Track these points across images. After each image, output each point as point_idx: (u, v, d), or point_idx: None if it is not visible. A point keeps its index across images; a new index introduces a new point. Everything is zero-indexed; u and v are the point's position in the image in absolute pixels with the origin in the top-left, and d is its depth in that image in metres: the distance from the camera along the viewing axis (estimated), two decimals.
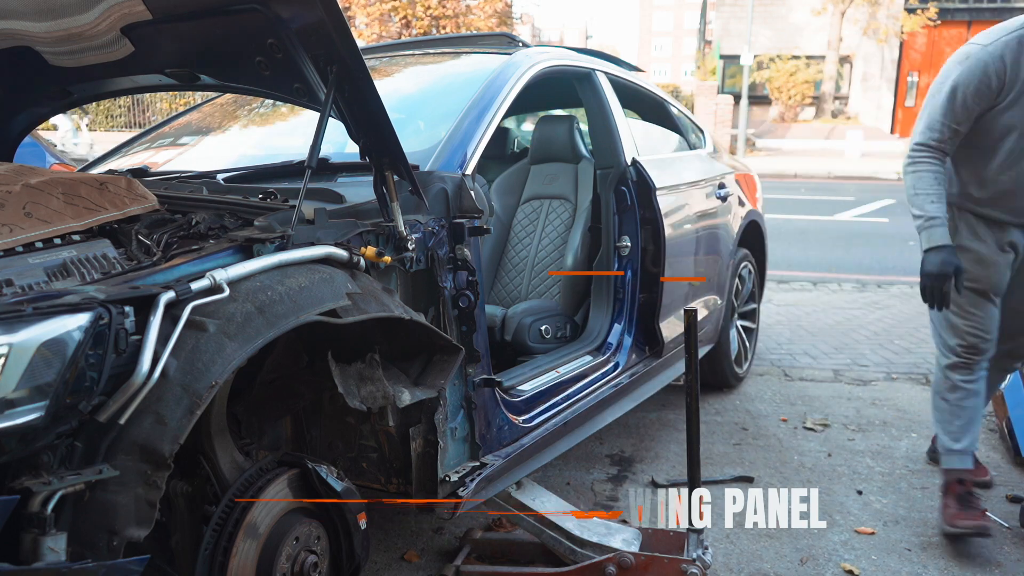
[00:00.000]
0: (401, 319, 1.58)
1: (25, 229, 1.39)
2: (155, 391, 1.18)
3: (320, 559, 1.57)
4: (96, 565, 1.10)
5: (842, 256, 7.06)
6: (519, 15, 25.96)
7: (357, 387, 1.61)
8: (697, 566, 1.90)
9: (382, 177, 1.68)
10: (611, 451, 2.95)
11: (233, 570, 1.41)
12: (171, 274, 1.33)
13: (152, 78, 1.90)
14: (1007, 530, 2.37)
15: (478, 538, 2.21)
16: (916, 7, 21.53)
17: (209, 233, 1.53)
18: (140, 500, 1.17)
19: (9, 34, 1.77)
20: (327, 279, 1.47)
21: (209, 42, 1.69)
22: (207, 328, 1.26)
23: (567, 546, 2.03)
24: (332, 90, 1.54)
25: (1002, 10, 22.94)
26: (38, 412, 1.09)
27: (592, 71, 2.80)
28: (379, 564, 2.18)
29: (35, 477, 1.09)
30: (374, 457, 1.92)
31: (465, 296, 1.88)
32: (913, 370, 3.88)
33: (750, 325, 3.84)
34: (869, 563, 2.21)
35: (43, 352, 1.08)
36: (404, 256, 1.71)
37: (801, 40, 22.94)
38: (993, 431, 3.12)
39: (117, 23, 1.64)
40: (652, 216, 2.66)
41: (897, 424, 3.23)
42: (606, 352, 2.61)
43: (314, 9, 1.43)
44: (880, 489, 2.66)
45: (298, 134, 2.40)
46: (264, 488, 1.48)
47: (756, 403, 3.48)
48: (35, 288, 1.28)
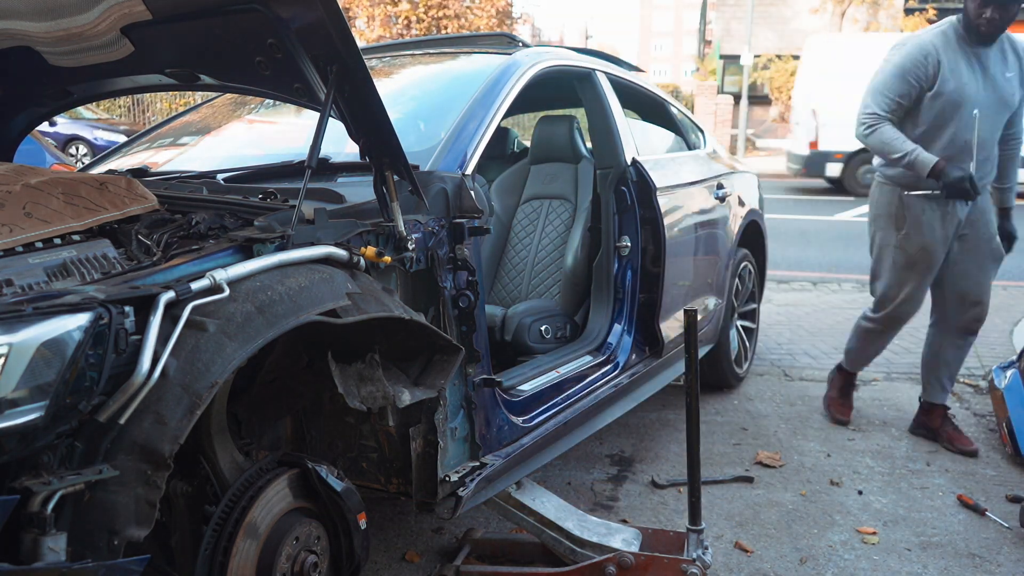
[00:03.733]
0: (401, 319, 1.58)
1: (25, 229, 1.39)
2: (155, 391, 1.18)
3: (320, 559, 1.57)
4: (96, 565, 1.10)
5: (842, 256, 7.06)
6: (519, 15, 25.93)
7: (357, 387, 1.61)
8: (697, 566, 1.90)
9: (382, 177, 1.68)
10: (611, 451, 2.95)
11: (233, 570, 1.41)
12: (171, 274, 1.33)
13: (152, 78, 1.90)
14: (1007, 530, 2.37)
15: (478, 538, 2.21)
16: (916, 7, 21.52)
17: (209, 233, 1.53)
18: (140, 500, 1.17)
19: (9, 34, 1.77)
20: (327, 279, 1.47)
21: (209, 42, 1.69)
22: (207, 328, 1.26)
23: (567, 546, 2.03)
24: (332, 90, 1.54)
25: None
26: (38, 412, 1.09)
27: (592, 71, 2.80)
28: (379, 564, 2.18)
29: (35, 477, 1.09)
30: (374, 457, 1.92)
31: (465, 296, 1.88)
32: (913, 370, 3.88)
33: (750, 325, 3.84)
34: (869, 563, 2.21)
35: (43, 352, 1.08)
36: (404, 256, 1.71)
37: (801, 40, 22.92)
38: (993, 431, 3.12)
39: (117, 23, 1.64)
40: (652, 216, 2.66)
41: (897, 424, 3.23)
42: (606, 352, 2.61)
43: (314, 9, 1.43)
44: (880, 489, 2.66)
45: (298, 134, 2.40)
46: (264, 488, 1.48)
47: (756, 403, 3.48)
48: (35, 288, 1.28)
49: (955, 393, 3.56)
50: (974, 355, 4.08)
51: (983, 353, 4.12)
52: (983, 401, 3.44)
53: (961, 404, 3.43)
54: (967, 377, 3.75)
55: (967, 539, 2.33)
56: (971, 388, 3.62)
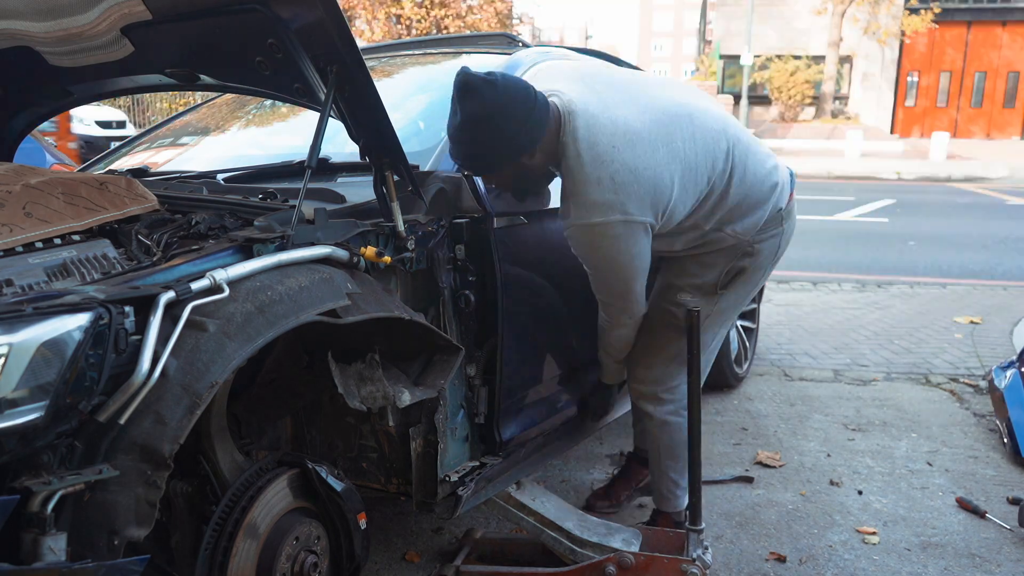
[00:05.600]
0: (401, 319, 1.58)
1: (25, 229, 1.39)
2: (155, 391, 1.18)
3: (320, 559, 1.57)
4: (96, 565, 1.10)
5: (842, 256, 7.06)
6: (519, 15, 25.93)
7: (357, 387, 1.61)
8: (697, 566, 1.90)
9: (382, 177, 1.68)
10: (611, 451, 2.95)
11: (233, 570, 1.41)
12: (171, 274, 1.33)
13: (152, 78, 1.90)
14: (1007, 530, 2.37)
15: (478, 538, 2.21)
16: (918, 7, 21.52)
17: (209, 233, 1.53)
18: (140, 500, 1.17)
19: (9, 34, 1.77)
20: (327, 279, 1.47)
21: (209, 42, 1.69)
22: (207, 328, 1.26)
23: (567, 546, 2.03)
24: (332, 90, 1.54)
25: (1002, 10, 22.99)
26: (38, 412, 1.09)
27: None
28: (379, 564, 2.18)
29: (35, 477, 1.09)
30: (374, 457, 1.92)
31: (465, 296, 1.88)
32: (913, 370, 3.88)
33: (750, 325, 3.84)
34: (869, 563, 2.21)
35: (43, 352, 1.08)
36: (404, 256, 1.71)
37: (801, 40, 22.94)
38: (993, 431, 3.12)
39: (117, 23, 1.64)
40: None
41: (897, 424, 3.23)
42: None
43: (314, 9, 1.43)
44: (880, 489, 2.66)
45: (298, 134, 2.40)
46: (264, 488, 1.48)
47: (756, 403, 3.48)
48: (35, 288, 1.28)
49: (955, 393, 3.56)
50: (974, 355, 4.09)
51: (983, 353, 4.12)
52: (983, 401, 3.44)
53: (961, 404, 3.43)
54: (967, 377, 3.75)
55: (967, 539, 2.33)
56: (971, 388, 3.62)
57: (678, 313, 2.07)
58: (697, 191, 1.90)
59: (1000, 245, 7.44)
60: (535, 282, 2.10)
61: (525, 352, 2.09)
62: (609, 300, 2.00)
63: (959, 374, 3.80)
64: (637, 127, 1.80)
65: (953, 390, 3.60)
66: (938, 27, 21.66)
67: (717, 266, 2.08)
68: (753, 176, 1.99)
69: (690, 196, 1.89)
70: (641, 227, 1.81)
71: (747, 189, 1.98)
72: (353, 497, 1.61)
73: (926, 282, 5.92)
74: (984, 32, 23.24)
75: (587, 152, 1.76)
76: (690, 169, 1.86)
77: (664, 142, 1.81)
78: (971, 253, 7.06)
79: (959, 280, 5.98)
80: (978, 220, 9.07)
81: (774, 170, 2.07)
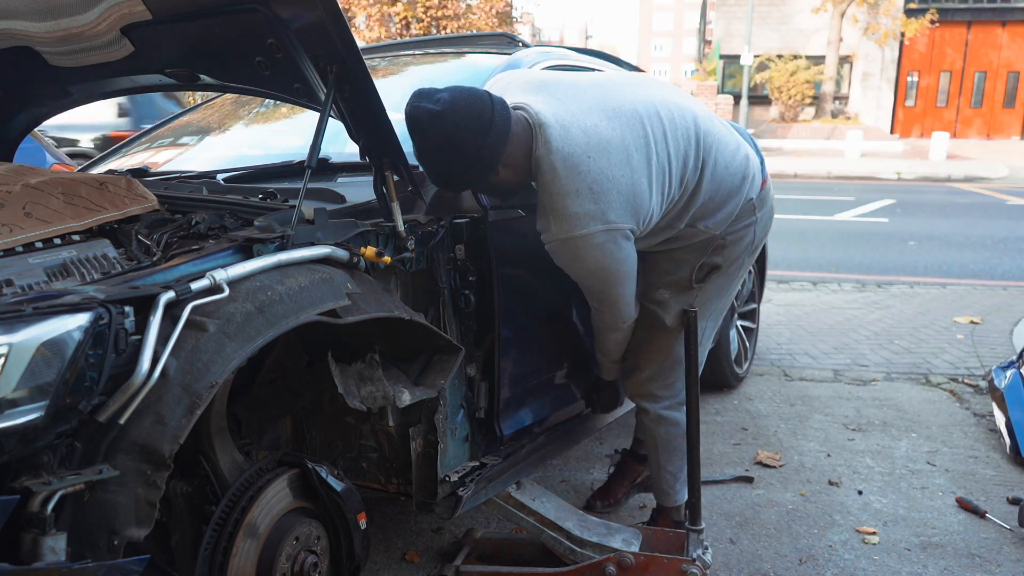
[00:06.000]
0: (401, 319, 1.58)
1: (25, 229, 1.39)
2: (155, 391, 1.18)
3: (320, 559, 1.57)
4: (96, 565, 1.10)
5: (842, 256, 7.06)
6: (519, 15, 25.91)
7: (357, 387, 1.61)
8: (697, 566, 1.90)
9: (382, 177, 1.68)
10: (611, 451, 2.95)
11: (233, 570, 1.41)
12: (171, 274, 1.33)
13: (152, 78, 1.90)
14: (1007, 530, 2.37)
15: (478, 538, 2.21)
16: (918, 8, 21.52)
17: (209, 233, 1.53)
18: (140, 500, 1.17)
19: (9, 34, 1.77)
20: (327, 279, 1.47)
21: (209, 42, 1.69)
22: (207, 328, 1.26)
23: (567, 546, 2.03)
24: (332, 90, 1.54)
25: (1002, 10, 22.99)
26: (38, 412, 1.09)
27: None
28: (379, 564, 2.18)
29: (35, 477, 1.09)
30: (374, 457, 1.92)
31: (464, 296, 1.88)
32: (913, 370, 3.88)
33: (750, 325, 3.84)
34: (869, 563, 2.21)
35: (43, 352, 1.08)
36: (404, 256, 1.71)
37: (801, 40, 22.94)
38: (993, 431, 3.12)
39: (117, 23, 1.64)
40: None
41: (897, 424, 3.23)
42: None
43: (314, 9, 1.43)
44: (880, 489, 2.66)
45: (298, 134, 2.40)
46: (264, 488, 1.48)
47: (756, 403, 3.48)
48: (35, 288, 1.28)
49: (955, 393, 3.56)
50: (974, 355, 4.09)
51: (983, 353, 4.12)
52: (983, 401, 3.44)
53: (961, 404, 3.43)
54: (967, 377, 3.75)
55: (967, 539, 2.33)
56: (971, 388, 3.62)
57: (660, 312, 2.08)
58: (671, 191, 1.89)
59: (1000, 245, 7.44)
60: (531, 274, 2.10)
61: (524, 344, 2.09)
62: (601, 307, 2.00)
63: (959, 374, 3.80)
64: (608, 134, 1.78)
65: (953, 390, 3.60)
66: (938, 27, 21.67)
67: (688, 262, 2.07)
68: (724, 170, 1.98)
69: (665, 197, 1.88)
70: (622, 233, 1.80)
71: (718, 183, 1.97)
72: (353, 497, 1.61)
73: (926, 282, 5.92)
74: (984, 32, 23.24)
75: (562, 164, 1.74)
76: (664, 171, 1.85)
77: (637, 147, 1.80)
78: (971, 253, 7.06)
79: (959, 280, 5.98)
80: (978, 220, 9.07)
81: (744, 161, 2.05)
